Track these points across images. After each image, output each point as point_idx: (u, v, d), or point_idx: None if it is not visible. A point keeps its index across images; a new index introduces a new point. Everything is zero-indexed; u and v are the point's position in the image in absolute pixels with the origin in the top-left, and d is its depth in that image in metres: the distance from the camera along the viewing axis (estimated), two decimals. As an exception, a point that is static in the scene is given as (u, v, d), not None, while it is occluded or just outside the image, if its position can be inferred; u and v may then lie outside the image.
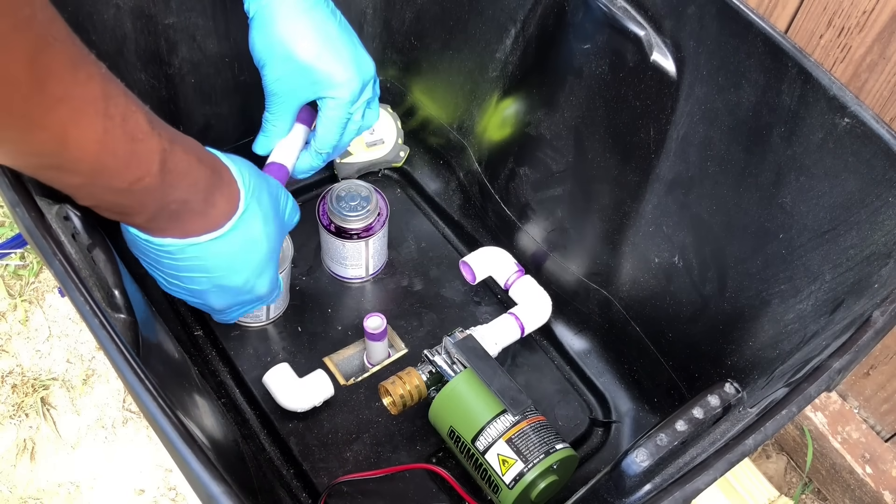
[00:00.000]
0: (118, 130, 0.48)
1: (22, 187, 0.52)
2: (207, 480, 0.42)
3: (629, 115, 0.78)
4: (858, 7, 0.82)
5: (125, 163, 0.50)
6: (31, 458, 1.06)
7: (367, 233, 0.89)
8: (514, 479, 0.74)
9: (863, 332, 0.51)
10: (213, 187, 0.57)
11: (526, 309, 0.91)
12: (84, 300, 0.47)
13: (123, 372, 0.45)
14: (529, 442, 0.75)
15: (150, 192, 0.53)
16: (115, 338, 0.46)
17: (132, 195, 0.52)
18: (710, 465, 0.45)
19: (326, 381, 0.84)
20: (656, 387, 0.86)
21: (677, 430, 0.54)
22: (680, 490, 0.44)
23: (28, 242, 0.52)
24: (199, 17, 0.83)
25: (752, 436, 0.46)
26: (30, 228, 0.50)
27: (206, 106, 0.89)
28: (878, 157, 0.60)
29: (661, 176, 0.78)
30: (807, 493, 1.15)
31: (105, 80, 0.48)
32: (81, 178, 0.49)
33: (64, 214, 0.54)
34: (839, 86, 0.61)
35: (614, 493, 0.55)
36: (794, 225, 0.67)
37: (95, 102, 0.47)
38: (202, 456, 0.42)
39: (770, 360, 0.68)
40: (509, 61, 0.90)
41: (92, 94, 0.46)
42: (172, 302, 0.92)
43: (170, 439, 0.43)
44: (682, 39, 0.72)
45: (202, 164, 0.56)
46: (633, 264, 0.84)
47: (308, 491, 0.81)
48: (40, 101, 0.43)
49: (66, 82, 0.44)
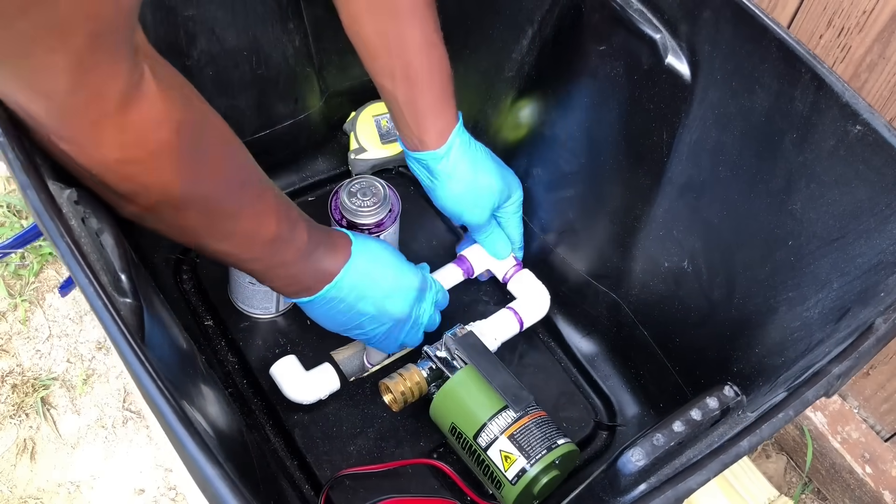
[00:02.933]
0: (284, 222, 0.67)
1: (34, 170, 0.52)
2: (203, 463, 0.42)
3: (643, 117, 0.78)
4: (858, 7, 0.82)
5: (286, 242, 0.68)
6: (31, 458, 1.07)
7: (379, 228, 0.90)
8: (516, 474, 0.74)
9: (864, 339, 0.50)
10: (333, 242, 0.74)
11: (524, 303, 0.91)
12: (89, 282, 0.48)
13: (125, 353, 0.45)
14: (532, 437, 0.75)
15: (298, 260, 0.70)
16: (117, 320, 0.46)
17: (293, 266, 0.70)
18: (704, 465, 0.45)
19: (333, 374, 0.84)
20: (662, 392, 0.86)
21: (674, 430, 0.54)
22: (672, 489, 0.44)
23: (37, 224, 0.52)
24: (218, 10, 0.83)
25: (748, 437, 0.46)
26: (38, 210, 0.50)
27: (222, 98, 0.90)
28: (889, 165, 0.59)
29: (672, 180, 0.78)
30: (807, 492, 1.14)
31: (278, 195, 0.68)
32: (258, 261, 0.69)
33: (75, 198, 0.54)
34: (852, 93, 0.60)
35: (610, 491, 0.55)
36: (804, 232, 0.67)
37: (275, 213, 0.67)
38: (199, 439, 0.43)
39: (775, 367, 0.67)
40: (525, 62, 0.90)
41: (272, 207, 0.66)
42: (184, 292, 0.93)
43: (167, 421, 0.43)
44: (698, 43, 0.71)
45: (324, 233, 0.74)
46: (643, 268, 0.84)
47: (311, 483, 0.82)
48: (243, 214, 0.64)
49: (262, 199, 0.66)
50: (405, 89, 0.78)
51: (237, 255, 0.67)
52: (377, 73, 0.79)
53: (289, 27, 0.90)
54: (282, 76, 0.93)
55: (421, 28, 0.76)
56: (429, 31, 0.77)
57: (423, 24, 0.76)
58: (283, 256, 0.69)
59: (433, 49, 0.78)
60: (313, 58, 0.95)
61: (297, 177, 1.04)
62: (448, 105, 0.81)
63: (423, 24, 0.76)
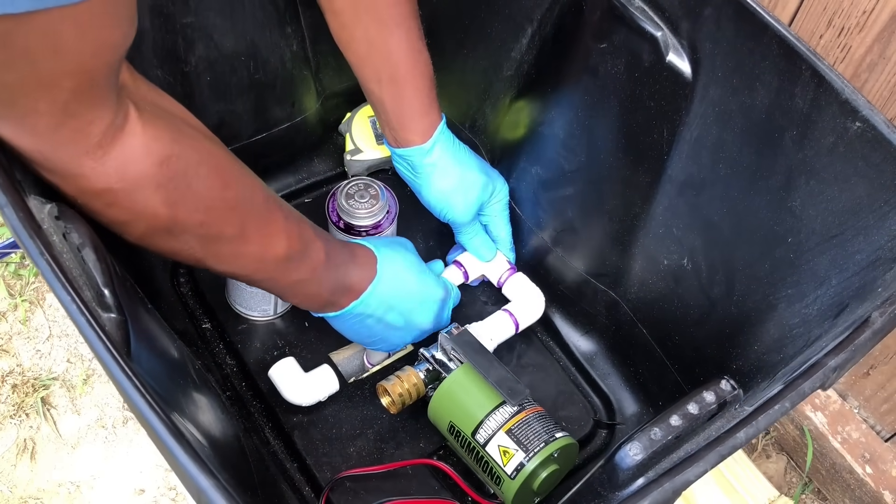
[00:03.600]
0: (296, 242, 0.69)
1: (12, 188, 0.51)
2: (196, 474, 0.42)
3: (643, 115, 0.78)
4: (858, 7, 0.82)
5: (302, 258, 0.70)
6: (32, 458, 1.07)
7: (376, 230, 0.90)
8: (515, 469, 0.74)
9: (860, 332, 0.50)
10: (357, 259, 0.77)
11: (519, 305, 0.91)
12: (71, 299, 0.47)
13: (110, 368, 0.45)
14: (530, 431, 0.75)
15: (320, 278, 0.73)
16: (101, 336, 0.46)
17: (309, 283, 0.72)
18: (701, 457, 0.45)
19: (332, 376, 0.84)
20: (661, 390, 0.86)
21: (671, 424, 0.54)
22: (670, 482, 0.44)
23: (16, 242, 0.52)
24: (217, 16, 0.83)
25: (744, 429, 0.46)
26: (17, 229, 0.49)
27: (220, 103, 0.90)
28: (888, 161, 0.59)
29: (672, 177, 0.77)
30: (807, 492, 1.14)
31: (288, 216, 0.69)
32: (273, 277, 0.70)
33: (55, 214, 0.54)
34: (851, 89, 0.60)
35: (608, 486, 0.55)
36: (803, 229, 0.66)
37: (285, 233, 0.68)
38: (190, 451, 0.42)
39: (774, 363, 0.67)
40: (525, 60, 0.90)
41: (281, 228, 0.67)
42: (181, 295, 0.93)
43: (157, 434, 0.43)
44: (699, 41, 0.71)
45: (344, 246, 0.76)
46: (642, 266, 0.84)
47: (311, 485, 0.82)
48: (248, 238, 0.65)
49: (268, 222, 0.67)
50: (391, 92, 0.83)
51: (248, 276, 0.69)
52: (366, 78, 0.83)
53: (286, 31, 0.90)
54: (279, 80, 0.93)
55: (406, 36, 0.81)
56: (413, 38, 0.81)
57: (408, 32, 0.81)
58: (298, 275, 0.71)
59: (418, 55, 0.82)
60: (310, 61, 0.95)
61: (294, 178, 1.04)
62: (432, 106, 0.85)
63: (408, 32, 0.81)
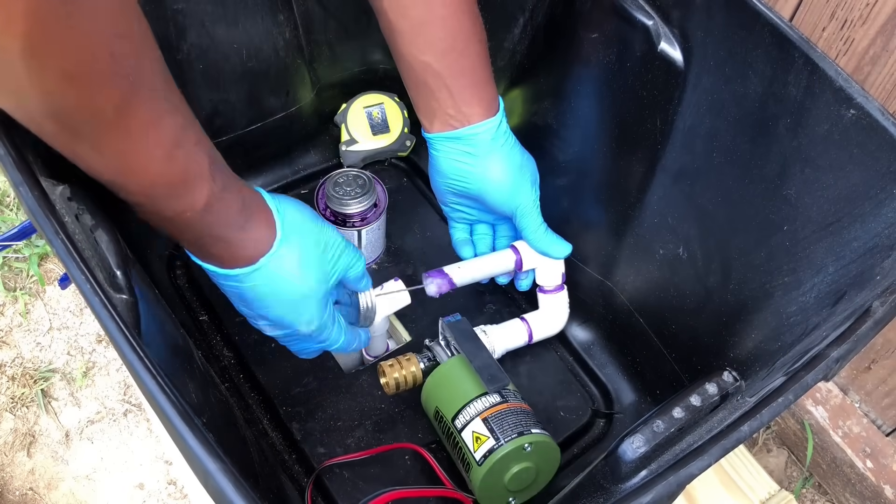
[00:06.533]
0: (177, 169, 0.56)
1: (26, 167, 0.52)
2: (205, 457, 0.42)
3: (636, 105, 0.78)
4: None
5: (174, 196, 0.58)
6: (31, 451, 1.07)
7: (363, 222, 0.89)
8: (483, 455, 0.73)
9: (862, 323, 0.50)
10: (249, 230, 0.64)
11: (543, 319, 0.89)
12: (85, 279, 0.48)
13: (123, 350, 0.45)
14: (505, 423, 0.74)
15: (190, 224, 0.61)
16: (115, 317, 0.46)
17: (173, 224, 0.60)
18: (705, 451, 0.45)
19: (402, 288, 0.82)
20: (659, 378, 0.86)
21: (674, 416, 0.54)
22: (674, 475, 0.44)
23: (31, 222, 0.52)
24: (208, 3, 0.83)
25: (748, 422, 0.46)
26: (32, 208, 0.50)
27: (213, 92, 0.90)
28: (883, 149, 0.59)
29: (666, 167, 0.78)
30: (807, 487, 1.14)
31: (182, 128, 0.55)
32: (136, 199, 0.57)
33: (68, 195, 0.54)
34: (845, 77, 0.60)
35: (611, 478, 0.55)
36: (799, 217, 0.67)
37: (163, 146, 0.54)
38: (199, 434, 0.42)
39: (772, 351, 0.67)
40: (517, 50, 0.89)
41: (163, 138, 0.54)
42: (178, 288, 0.93)
43: (167, 416, 0.43)
44: (690, 29, 0.71)
45: (245, 210, 0.63)
46: (638, 255, 0.84)
47: (309, 476, 0.82)
48: (116, 134, 0.51)
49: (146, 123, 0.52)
50: (453, 60, 0.74)
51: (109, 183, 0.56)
52: (418, 50, 0.73)
53: (279, 19, 0.89)
54: (273, 69, 0.93)
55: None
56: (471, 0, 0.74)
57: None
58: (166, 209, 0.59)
59: (476, 18, 0.75)
60: (304, 50, 0.95)
61: (290, 170, 1.04)
62: (492, 74, 0.78)
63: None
